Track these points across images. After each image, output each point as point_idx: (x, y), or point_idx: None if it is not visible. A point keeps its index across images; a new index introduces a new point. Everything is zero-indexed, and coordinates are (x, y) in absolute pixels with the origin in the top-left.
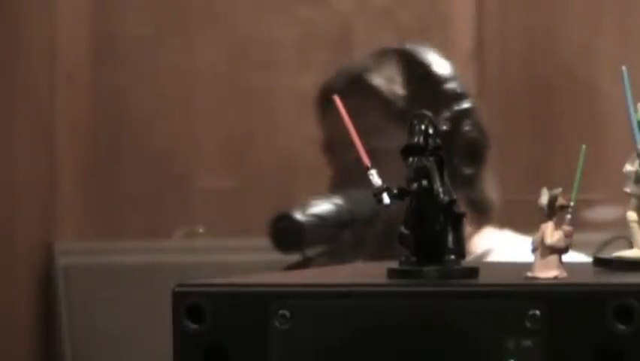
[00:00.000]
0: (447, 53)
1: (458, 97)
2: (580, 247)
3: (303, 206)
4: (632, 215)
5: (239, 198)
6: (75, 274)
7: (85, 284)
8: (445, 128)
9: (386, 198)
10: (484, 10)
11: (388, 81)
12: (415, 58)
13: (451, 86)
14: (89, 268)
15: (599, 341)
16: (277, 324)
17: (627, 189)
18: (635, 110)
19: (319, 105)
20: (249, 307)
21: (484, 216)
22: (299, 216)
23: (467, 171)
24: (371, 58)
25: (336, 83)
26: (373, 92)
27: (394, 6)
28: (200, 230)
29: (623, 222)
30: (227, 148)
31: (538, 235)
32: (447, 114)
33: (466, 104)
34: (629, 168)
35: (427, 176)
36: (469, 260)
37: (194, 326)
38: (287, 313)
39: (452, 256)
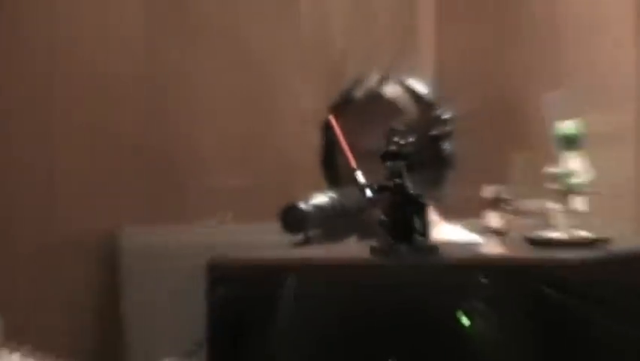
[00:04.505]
0: None
1: (445, 122)
2: (517, 229)
3: (306, 199)
4: (551, 205)
5: (250, 194)
6: (135, 256)
7: (142, 264)
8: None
9: (369, 193)
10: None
11: (402, 100)
12: (415, 89)
13: (440, 111)
14: (146, 249)
15: (538, 309)
16: (287, 293)
17: (549, 186)
18: (557, 132)
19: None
20: (266, 278)
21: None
22: (303, 206)
23: (445, 177)
24: (379, 83)
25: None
26: (391, 105)
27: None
28: (230, 216)
29: (547, 210)
30: (227, 148)
31: (485, 221)
32: (436, 132)
33: (449, 127)
34: (550, 170)
35: (400, 176)
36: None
37: (221, 294)
38: (295, 284)
39: (419, 237)
